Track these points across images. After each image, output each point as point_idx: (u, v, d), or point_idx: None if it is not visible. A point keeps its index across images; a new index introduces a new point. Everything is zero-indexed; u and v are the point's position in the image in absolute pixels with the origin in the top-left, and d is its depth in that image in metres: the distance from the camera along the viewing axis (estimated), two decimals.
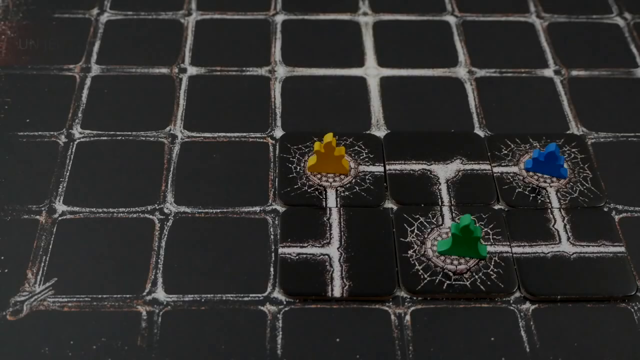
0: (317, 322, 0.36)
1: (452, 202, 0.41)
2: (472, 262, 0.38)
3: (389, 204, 0.41)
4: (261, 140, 0.44)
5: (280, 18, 0.53)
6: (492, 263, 0.38)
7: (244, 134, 0.44)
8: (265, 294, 0.37)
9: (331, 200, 0.40)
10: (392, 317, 0.36)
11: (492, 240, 0.39)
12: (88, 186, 0.41)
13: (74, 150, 0.43)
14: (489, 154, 0.43)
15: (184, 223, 0.40)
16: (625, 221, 0.40)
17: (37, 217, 0.40)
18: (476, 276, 0.37)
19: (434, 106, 0.47)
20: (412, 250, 0.38)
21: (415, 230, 0.39)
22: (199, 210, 0.40)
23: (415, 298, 0.37)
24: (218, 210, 0.40)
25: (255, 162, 0.43)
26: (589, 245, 0.39)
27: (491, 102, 0.47)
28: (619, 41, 0.53)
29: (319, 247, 0.38)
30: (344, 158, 0.41)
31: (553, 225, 0.40)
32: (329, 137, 0.40)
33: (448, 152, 0.43)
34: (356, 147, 0.43)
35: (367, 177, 0.42)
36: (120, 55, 0.49)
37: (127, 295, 0.36)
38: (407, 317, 0.36)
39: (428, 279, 0.37)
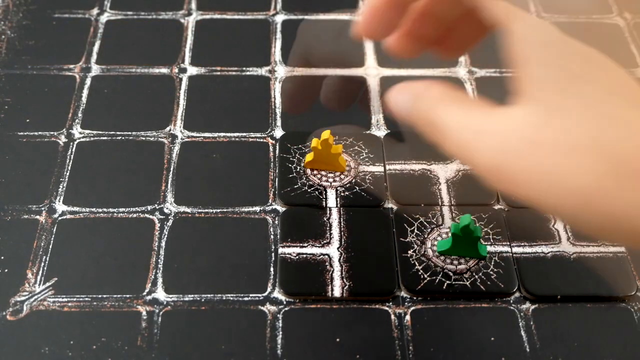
0: (317, 322, 0.36)
1: (452, 202, 0.41)
2: (472, 262, 0.38)
3: (389, 204, 0.41)
4: (261, 140, 0.44)
5: (280, 18, 0.53)
6: (492, 263, 0.38)
7: (244, 134, 0.44)
8: (265, 294, 0.37)
9: (331, 200, 0.40)
10: (392, 317, 0.36)
11: (492, 240, 0.39)
12: (88, 186, 0.41)
13: (74, 150, 0.43)
14: None
15: (184, 223, 0.40)
16: None
17: (37, 217, 0.40)
18: (476, 276, 0.37)
19: None
20: (412, 250, 0.38)
21: (415, 230, 0.39)
22: (199, 210, 0.40)
23: (415, 298, 0.37)
24: (218, 210, 0.40)
25: (255, 162, 0.43)
26: (589, 245, 0.39)
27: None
28: (619, 41, 0.53)
29: (319, 247, 0.38)
30: (340, 156, 0.41)
31: (553, 225, 0.40)
32: (326, 134, 0.40)
33: None
34: (356, 147, 0.43)
35: (367, 177, 0.42)
36: (120, 55, 0.49)
37: (127, 295, 0.36)
38: (407, 317, 0.36)
39: (428, 279, 0.37)
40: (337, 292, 0.36)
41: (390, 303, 0.36)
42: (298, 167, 0.42)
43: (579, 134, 0.21)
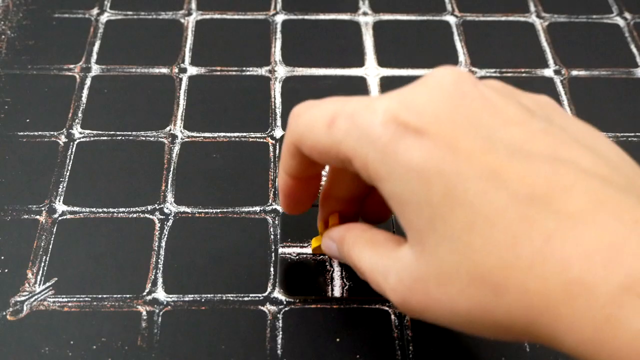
0: (317, 322, 0.36)
1: None
2: None
3: None
4: (261, 140, 0.44)
5: (280, 18, 0.53)
6: None
7: (244, 134, 0.44)
8: (265, 294, 0.37)
9: None
10: (392, 317, 0.36)
11: None
12: (88, 186, 0.41)
13: (74, 150, 0.43)
14: None
15: (184, 223, 0.40)
16: None
17: (37, 217, 0.40)
18: None
19: None
20: None
21: None
22: (199, 210, 0.40)
23: None
24: (218, 210, 0.40)
25: (255, 162, 0.43)
26: None
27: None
28: (619, 41, 0.53)
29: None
30: None
31: None
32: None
33: None
34: None
35: None
36: (120, 55, 0.50)
37: (127, 295, 0.36)
38: (407, 317, 0.36)
39: None
40: (337, 292, 0.36)
41: (391, 303, 0.36)
42: None
43: (449, 265, 0.24)
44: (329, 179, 0.33)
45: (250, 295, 0.37)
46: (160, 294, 0.36)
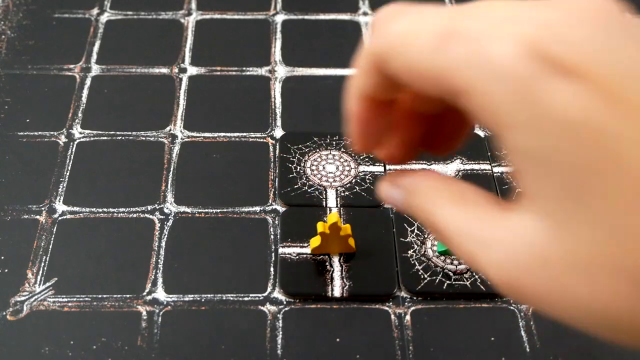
0: (317, 322, 0.36)
1: None
2: None
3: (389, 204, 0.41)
4: (261, 140, 0.44)
5: (280, 18, 0.53)
6: None
7: (244, 134, 0.44)
8: (265, 294, 0.37)
9: (331, 200, 0.40)
10: (392, 317, 0.36)
11: None
12: (88, 186, 0.41)
13: (74, 150, 0.43)
14: (489, 154, 0.43)
15: (184, 223, 0.40)
16: None
17: (37, 217, 0.40)
18: (476, 276, 0.37)
19: None
20: (412, 250, 0.38)
21: (416, 230, 0.39)
22: (199, 210, 0.40)
23: (415, 298, 0.37)
24: (218, 210, 0.40)
25: (255, 162, 0.43)
26: None
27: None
28: None
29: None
30: (350, 237, 0.37)
31: None
32: (333, 217, 0.36)
33: None
34: None
35: (367, 177, 0.42)
36: (120, 55, 0.49)
37: (127, 295, 0.36)
38: (407, 317, 0.36)
39: (428, 279, 0.37)
40: (337, 292, 0.36)
41: (390, 303, 0.36)
42: (298, 167, 0.42)
43: (592, 250, 0.19)
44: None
45: (250, 295, 0.37)
46: (160, 294, 0.36)
